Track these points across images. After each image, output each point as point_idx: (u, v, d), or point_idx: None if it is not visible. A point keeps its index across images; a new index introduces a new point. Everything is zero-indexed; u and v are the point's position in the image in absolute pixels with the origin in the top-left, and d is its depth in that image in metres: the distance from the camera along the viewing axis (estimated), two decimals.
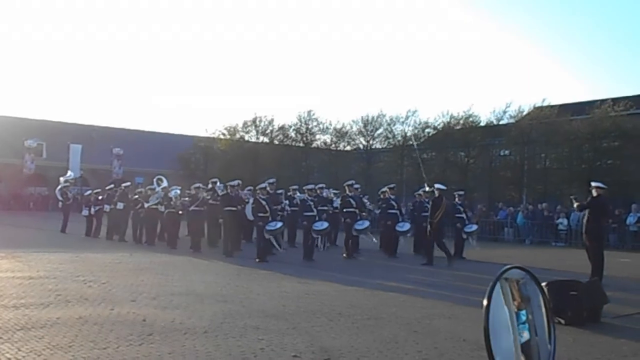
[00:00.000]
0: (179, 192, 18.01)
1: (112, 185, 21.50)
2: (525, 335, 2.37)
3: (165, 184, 18.77)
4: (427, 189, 15.53)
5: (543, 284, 7.22)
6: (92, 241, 19.11)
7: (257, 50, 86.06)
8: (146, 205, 18.08)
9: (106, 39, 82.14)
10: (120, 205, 19.39)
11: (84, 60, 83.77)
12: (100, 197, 20.93)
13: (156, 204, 17.80)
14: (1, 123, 44.36)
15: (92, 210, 20.67)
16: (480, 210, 27.95)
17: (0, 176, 42.76)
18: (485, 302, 2.28)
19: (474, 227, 17.25)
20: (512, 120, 33.40)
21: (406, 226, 16.83)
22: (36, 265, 11.67)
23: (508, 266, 2.34)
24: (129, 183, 21.46)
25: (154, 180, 19.15)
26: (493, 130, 33.84)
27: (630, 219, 22.46)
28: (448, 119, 35.39)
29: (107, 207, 20.05)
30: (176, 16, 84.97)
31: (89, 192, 22.23)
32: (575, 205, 12.35)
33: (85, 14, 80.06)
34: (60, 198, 22.85)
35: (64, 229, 21.37)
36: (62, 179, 23.16)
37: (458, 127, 34.92)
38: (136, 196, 19.37)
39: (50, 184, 43.81)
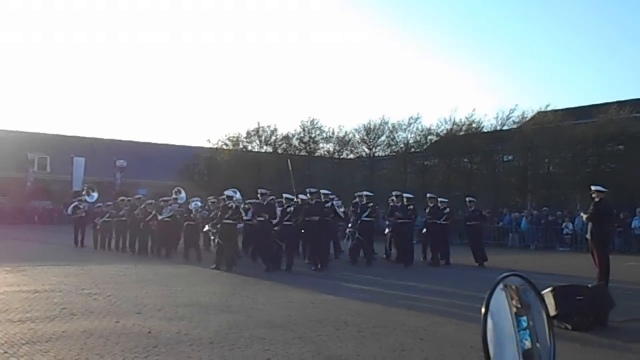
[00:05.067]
0: (199, 204, 17.65)
1: (122, 198, 21.44)
2: (527, 343, 2.36)
3: (183, 194, 18.56)
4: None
5: (548, 289, 7.26)
6: (99, 253, 19.09)
7: (258, 60, 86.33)
8: (159, 217, 17.74)
9: (109, 52, 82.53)
10: (130, 217, 19.25)
11: (87, 73, 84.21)
12: (110, 210, 20.81)
13: (169, 217, 17.58)
14: (5, 137, 44.56)
15: (100, 222, 20.65)
16: (485, 216, 27.87)
17: (4, 190, 42.85)
18: (483, 310, 2.27)
19: None
20: (515, 126, 33.41)
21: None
22: (41, 279, 11.67)
23: (506, 273, 2.33)
24: (139, 195, 21.40)
25: (173, 191, 18.95)
26: (496, 136, 33.84)
27: (635, 223, 22.40)
28: (451, 126, 35.46)
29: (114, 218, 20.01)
30: (177, 26, 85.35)
31: (99, 205, 22.23)
32: (584, 218, 12.29)
33: (87, 27, 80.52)
34: (69, 212, 22.91)
35: (79, 242, 21.27)
36: (86, 197, 23.12)
37: (461, 134, 34.94)
38: (142, 206, 19.18)
39: (55, 197, 44.02)
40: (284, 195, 15.70)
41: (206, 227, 16.43)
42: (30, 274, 12.56)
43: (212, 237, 15.56)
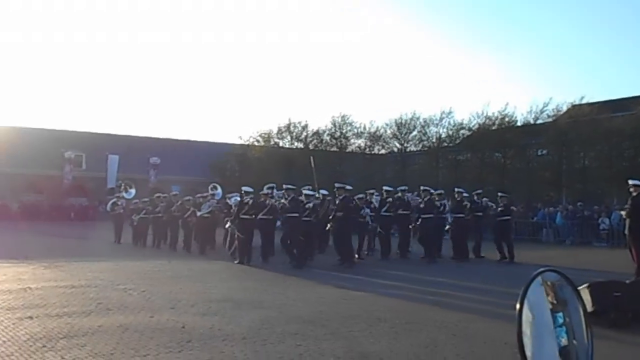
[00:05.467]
0: (239, 199, 17.69)
1: (158, 195, 21.63)
2: (564, 339, 2.31)
3: (219, 191, 18.61)
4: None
5: (584, 285, 7.13)
6: (135, 249, 19.36)
7: (288, 55, 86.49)
8: (198, 213, 17.76)
9: (141, 50, 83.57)
10: (167, 214, 19.43)
11: (121, 72, 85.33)
12: (146, 207, 21.02)
13: (209, 213, 17.61)
14: (41, 136, 45.41)
15: (136, 218, 20.93)
16: (517, 211, 27.53)
17: (41, 188, 43.74)
18: (518, 306, 2.24)
19: None
20: (549, 120, 32.93)
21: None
22: (78, 274, 11.89)
23: (541, 269, 2.29)
24: (175, 192, 21.59)
25: (209, 187, 19.02)
26: (530, 129, 33.40)
27: None
28: (483, 120, 35.11)
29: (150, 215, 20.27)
30: (207, 24, 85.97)
31: (135, 201, 22.51)
32: (624, 215, 12.09)
33: (117, 27, 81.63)
34: (108, 209, 23.28)
35: (118, 239, 21.54)
36: (124, 194, 23.46)
37: (494, 128, 34.58)
38: (179, 202, 19.31)
39: (90, 194, 44.80)
40: (304, 191, 15.78)
41: (227, 224, 16.56)
42: (67, 269, 12.80)
43: (235, 234, 15.83)
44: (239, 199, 17.06)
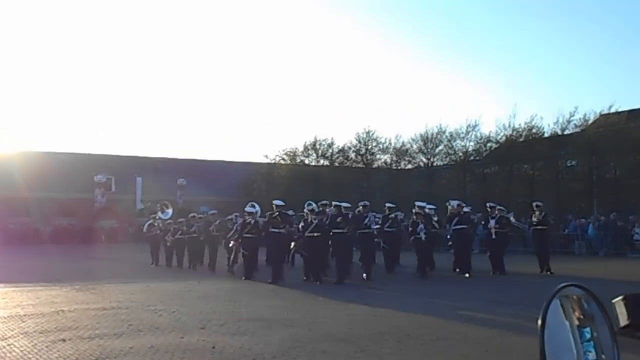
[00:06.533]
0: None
1: (193, 214, 21.67)
2: (591, 354, 2.27)
3: (257, 208, 18.54)
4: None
5: (620, 297, 6.97)
6: (165, 270, 19.44)
7: (312, 73, 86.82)
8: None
9: (164, 75, 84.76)
10: (205, 234, 19.49)
11: (147, 95, 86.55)
12: (181, 227, 20.92)
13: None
14: (71, 160, 46.27)
15: (170, 239, 20.81)
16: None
17: (72, 211, 44.45)
18: (539, 322, 2.20)
19: None
20: (577, 130, 32.52)
21: None
22: (109, 296, 12.01)
23: (563, 284, 2.25)
24: (214, 211, 21.62)
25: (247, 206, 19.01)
26: (558, 140, 33.00)
27: None
28: (510, 132, 34.80)
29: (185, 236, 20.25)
30: (229, 43, 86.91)
31: (169, 222, 22.60)
32: None
33: (143, 52, 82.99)
34: (145, 230, 23.47)
35: (156, 260, 21.43)
36: (160, 214, 23.63)
37: (521, 140, 34.27)
38: (217, 222, 19.27)
39: (120, 216, 45.39)
40: (307, 207, 15.92)
41: (231, 243, 16.70)
42: (98, 291, 12.94)
43: (242, 252, 16.07)
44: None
